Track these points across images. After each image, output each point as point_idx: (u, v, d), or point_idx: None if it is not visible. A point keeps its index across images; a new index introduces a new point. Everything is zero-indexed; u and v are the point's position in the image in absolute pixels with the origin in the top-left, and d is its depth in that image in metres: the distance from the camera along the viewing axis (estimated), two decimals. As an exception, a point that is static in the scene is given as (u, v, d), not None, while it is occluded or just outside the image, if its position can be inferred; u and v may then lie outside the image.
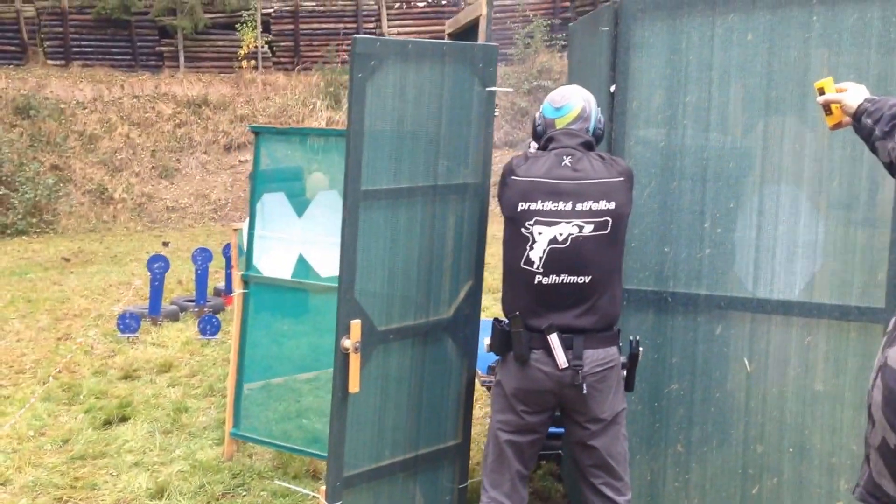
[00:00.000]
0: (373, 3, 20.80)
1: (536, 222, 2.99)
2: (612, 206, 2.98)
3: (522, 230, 3.00)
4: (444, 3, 21.18)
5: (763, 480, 3.27)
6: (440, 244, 3.42)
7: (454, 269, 3.46)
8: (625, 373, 3.11)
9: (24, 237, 14.82)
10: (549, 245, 2.96)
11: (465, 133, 3.50)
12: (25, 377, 6.53)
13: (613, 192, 2.99)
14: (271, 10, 20.22)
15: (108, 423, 5.39)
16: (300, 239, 4.73)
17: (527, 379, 3.01)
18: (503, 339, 3.06)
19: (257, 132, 4.93)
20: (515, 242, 3.03)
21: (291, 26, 20.38)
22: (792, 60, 3.26)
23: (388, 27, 20.68)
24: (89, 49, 19.64)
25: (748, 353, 3.25)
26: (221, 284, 9.30)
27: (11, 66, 18.83)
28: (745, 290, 3.28)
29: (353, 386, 3.12)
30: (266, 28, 20.01)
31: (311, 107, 18.01)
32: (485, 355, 3.56)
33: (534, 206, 2.99)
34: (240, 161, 17.43)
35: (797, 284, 3.24)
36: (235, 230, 6.23)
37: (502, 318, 3.13)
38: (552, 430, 3.39)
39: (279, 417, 4.87)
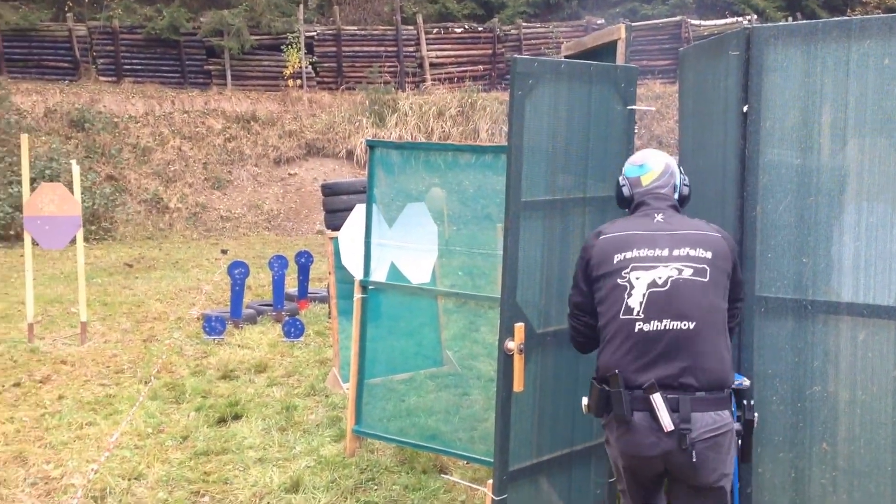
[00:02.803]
0: (412, 28, 20.96)
1: (633, 268, 2.79)
2: (708, 255, 2.78)
3: (619, 280, 2.79)
4: (480, 29, 21.32)
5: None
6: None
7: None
8: (740, 441, 2.84)
9: (84, 244, 14.91)
10: (648, 289, 2.74)
11: (608, 148, 3.57)
12: (125, 377, 6.58)
13: (711, 243, 2.82)
14: (314, 34, 20.38)
15: (222, 420, 5.43)
16: (420, 246, 4.80)
17: (631, 444, 2.71)
18: (602, 400, 2.77)
19: (372, 146, 4.99)
20: (612, 296, 2.80)
21: (334, 48, 20.54)
22: (931, 83, 3.30)
23: (427, 51, 20.82)
24: (140, 66, 19.81)
25: (893, 360, 3.28)
26: (291, 290, 9.35)
27: (65, 82, 18.99)
28: (888, 299, 3.31)
29: (518, 385, 3.16)
30: (310, 49, 20.15)
31: (356, 124, 18.12)
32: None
33: (629, 253, 2.81)
34: (289, 174, 17.53)
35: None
36: (331, 238, 6.31)
37: (594, 378, 2.88)
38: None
39: (393, 415, 4.92)
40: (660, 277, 2.74)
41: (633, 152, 3.67)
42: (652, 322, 2.70)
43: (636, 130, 3.69)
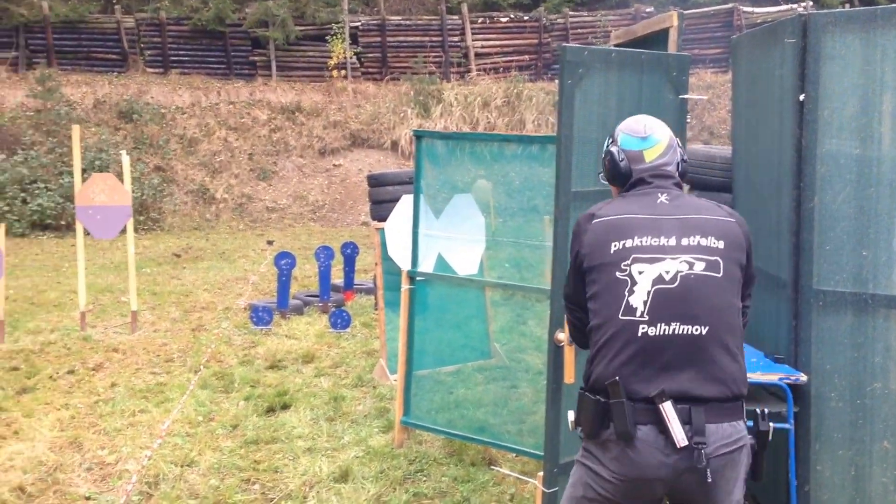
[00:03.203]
0: (457, 17, 20.97)
1: (635, 260, 2.36)
2: (721, 245, 2.37)
3: (618, 274, 2.36)
4: (525, 18, 21.23)
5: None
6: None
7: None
8: (751, 457, 2.41)
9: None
10: (653, 286, 2.33)
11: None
12: (175, 365, 6.73)
13: (723, 230, 2.40)
14: (359, 24, 20.50)
15: (270, 410, 5.54)
16: (468, 237, 4.83)
17: (631, 464, 2.27)
18: (598, 414, 2.32)
19: (419, 136, 5.03)
20: (610, 292, 2.37)
21: (379, 38, 20.64)
22: None
23: (473, 40, 20.82)
24: (186, 58, 20.13)
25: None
26: (337, 281, 9.46)
27: (114, 74, 19.37)
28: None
29: (569, 377, 3.17)
30: (354, 40, 20.28)
31: (401, 114, 18.22)
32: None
33: (630, 242, 2.37)
34: (334, 165, 17.69)
35: None
36: (378, 229, 6.37)
37: (584, 388, 2.43)
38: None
39: (441, 407, 4.97)
40: (667, 272, 2.34)
41: (685, 142, 3.65)
42: (659, 325, 2.31)
43: (688, 120, 3.66)
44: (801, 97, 3.60)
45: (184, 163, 17.44)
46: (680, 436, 2.22)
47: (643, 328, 2.30)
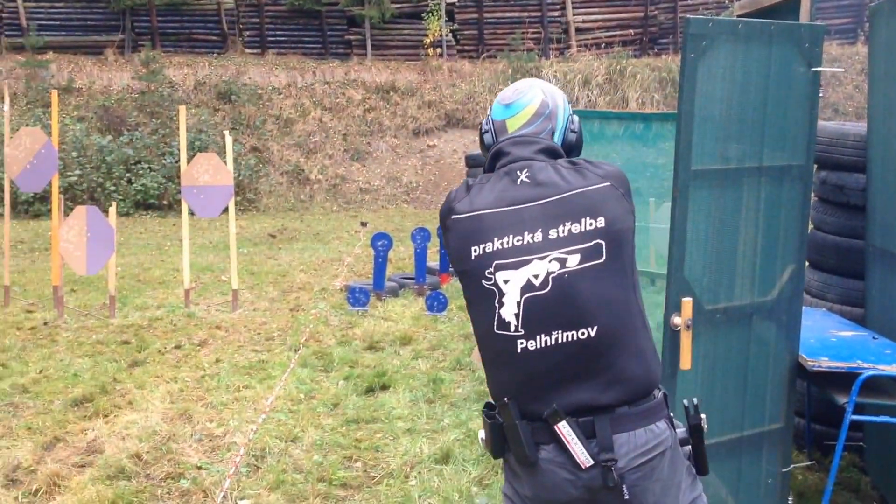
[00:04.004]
0: (557, -10, 20.83)
1: (498, 267, 2.08)
2: (600, 223, 2.07)
3: (484, 283, 2.09)
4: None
5: None
6: (764, 226, 3.42)
7: (777, 251, 3.45)
8: (688, 449, 2.21)
9: (227, 214, 15.81)
10: (522, 295, 2.05)
11: (789, 114, 3.47)
12: (276, 343, 6.99)
13: (599, 204, 2.09)
14: (455, 0, 20.56)
15: (370, 390, 5.70)
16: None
17: (542, 487, 2.07)
18: (496, 435, 2.11)
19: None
20: (480, 303, 2.12)
21: (475, 15, 20.67)
22: None
23: (573, 15, 20.61)
24: (283, 38, 20.63)
25: None
26: (432, 263, 9.59)
27: (213, 55, 20.01)
28: None
29: (685, 363, 3.17)
30: (450, 17, 20.38)
31: (498, 93, 18.21)
32: (806, 339, 3.55)
33: (490, 246, 2.10)
34: (429, 146, 17.87)
35: None
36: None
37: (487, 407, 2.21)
38: (853, 417, 3.34)
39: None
40: (535, 276, 2.06)
41: (816, 118, 3.56)
42: (538, 338, 2.04)
43: (821, 94, 3.56)
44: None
45: (279, 143, 17.91)
46: (583, 457, 2.00)
47: (521, 343, 2.05)
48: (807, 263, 3.95)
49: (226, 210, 8.54)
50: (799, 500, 3.91)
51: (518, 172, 2.15)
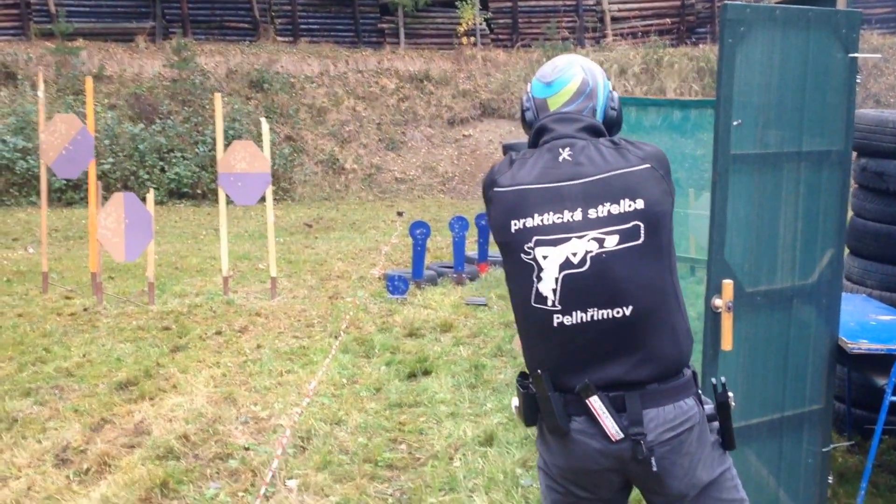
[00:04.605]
0: (593, -22, 20.86)
1: (538, 243, 2.17)
2: (639, 205, 2.15)
3: (523, 257, 2.19)
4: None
5: None
6: (804, 210, 3.52)
7: (817, 235, 3.55)
8: (716, 425, 2.27)
9: (263, 203, 16.07)
10: (561, 272, 2.15)
11: (827, 99, 3.56)
12: (316, 330, 7.16)
13: (638, 185, 2.16)
14: (490, -13, 20.69)
15: (412, 375, 5.85)
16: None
17: (573, 457, 2.19)
18: (529, 405, 2.24)
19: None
20: (519, 275, 2.23)
21: (510, 3, 20.77)
22: None
23: (609, 4, 20.61)
24: (315, 26, 20.83)
25: None
26: (471, 253, 9.72)
27: (245, 43, 20.26)
28: None
29: (726, 344, 3.26)
30: (484, 5, 20.47)
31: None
32: (846, 323, 3.64)
33: (530, 221, 2.19)
34: (464, 135, 18.00)
35: None
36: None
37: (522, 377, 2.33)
38: (893, 398, 3.44)
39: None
40: (574, 254, 2.15)
41: (854, 104, 3.65)
42: (574, 314, 2.14)
43: (858, 80, 3.65)
44: None
45: (313, 133, 18.13)
46: (614, 430, 2.11)
47: (558, 318, 2.15)
48: (847, 250, 4.03)
49: (262, 199, 8.72)
50: (839, 481, 4.01)
51: (560, 150, 2.22)
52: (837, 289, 3.61)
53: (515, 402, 2.32)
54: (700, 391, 2.25)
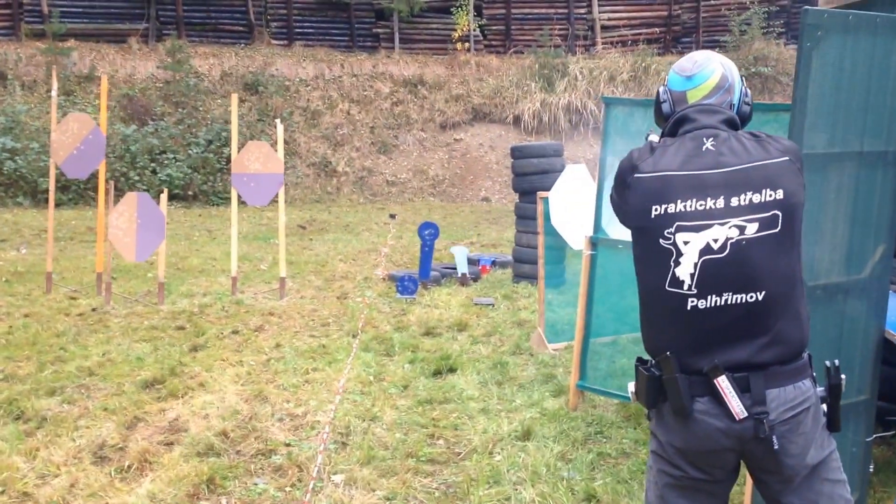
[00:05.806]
0: (583, -13, 21.00)
1: (679, 229, 2.24)
2: (779, 195, 2.23)
3: (662, 242, 2.26)
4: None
5: None
6: (861, 207, 3.60)
7: (870, 231, 3.63)
8: (825, 408, 2.34)
9: (263, 205, 16.02)
10: (700, 257, 2.22)
11: (887, 102, 3.65)
12: (332, 329, 7.14)
13: (778, 177, 2.25)
14: (483, -5, 20.77)
15: (437, 373, 5.85)
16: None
17: (694, 437, 2.25)
18: (653, 387, 2.28)
19: (608, 103, 5.20)
20: (654, 259, 2.28)
21: (503, 10, 20.87)
22: None
23: (599, 12, 20.77)
24: (310, 30, 20.80)
25: None
26: (473, 254, 9.76)
27: (240, 46, 20.18)
28: None
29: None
30: (478, 12, 20.55)
31: (525, 88, 18.41)
32: (893, 317, 3.71)
33: (672, 207, 2.25)
34: (455, 139, 18.03)
35: None
36: (542, 198, 6.58)
37: (646, 358, 2.38)
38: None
39: (611, 373, 5.17)
40: (715, 240, 2.22)
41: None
42: (709, 298, 2.22)
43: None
44: None
45: (306, 135, 18.08)
46: (739, 409, 2.18)
47: (692, 301, 2.22)
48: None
49: (274, 200, 8.70)
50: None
51: (704, 140, 2.30)
52: (886, 284, 3.68)
53: (632, 386, 2.40)
54: (814, 374, 2.31)
